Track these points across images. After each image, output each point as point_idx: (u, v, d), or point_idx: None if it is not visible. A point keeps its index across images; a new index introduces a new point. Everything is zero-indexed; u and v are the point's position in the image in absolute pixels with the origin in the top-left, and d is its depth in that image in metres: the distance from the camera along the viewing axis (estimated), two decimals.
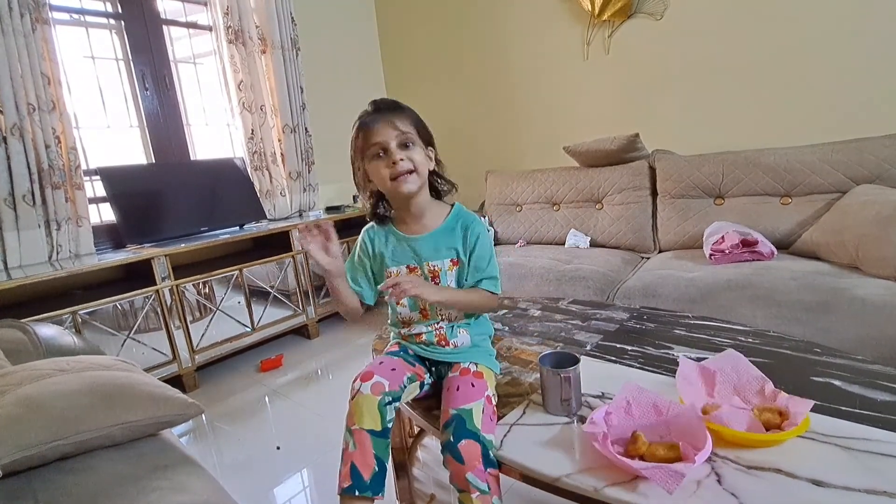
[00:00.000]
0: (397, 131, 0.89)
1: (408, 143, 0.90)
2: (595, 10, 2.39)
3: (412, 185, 0.89)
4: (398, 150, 0.88)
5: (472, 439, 0.75)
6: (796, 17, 1.93)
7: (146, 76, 2.33)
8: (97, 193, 2.19)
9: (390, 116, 0.90)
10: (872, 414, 0.74)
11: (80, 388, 0.84)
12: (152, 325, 1.96)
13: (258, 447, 1.60)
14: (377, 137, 0.88)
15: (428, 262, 0.93)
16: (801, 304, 1.32)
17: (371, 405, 0.79)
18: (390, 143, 0.88)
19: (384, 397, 0.81)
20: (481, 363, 0.92)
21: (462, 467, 0.73)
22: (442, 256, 0.93)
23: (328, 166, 3.12)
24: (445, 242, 0.93)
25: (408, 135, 0.89)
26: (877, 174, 1.62)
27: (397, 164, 0.87)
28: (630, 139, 2.09)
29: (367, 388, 0.81)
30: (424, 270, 0.93)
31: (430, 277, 0.93)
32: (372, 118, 0.91)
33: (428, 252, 0.93)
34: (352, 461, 0.76)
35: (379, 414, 0.79)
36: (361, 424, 0.78)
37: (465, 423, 0.77)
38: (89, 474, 0.78)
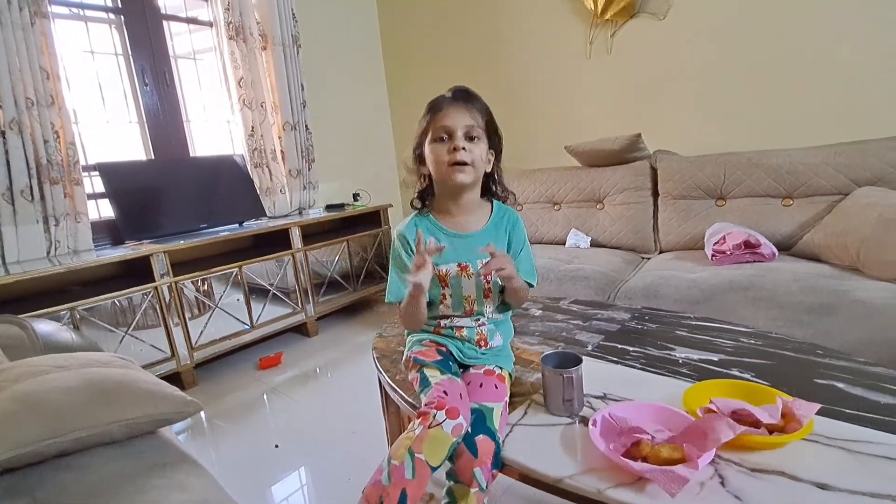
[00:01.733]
0: (466, 120, 0.88)
1: (474, 136, 0.89)
2: (598, 10, 2.38)
3: (466, 176, 0.88)
4: (462, 139, 0.87)
5: (488, 436, 0.76)
6: (800, 18, 1.93)
7: (146, 72, 2.32)
8: (96, 189, 2.18)
9: (465, 105, 0.89)
10: (876, 417, 0.74)
11: (77, 385, 0.83)
12: (150, 321, 1.95)
13: (257, 445, 1.59)
14: (446, 121, 0.88)
15: (479, 260, 0.91)
16: (802, 306, 1.31)
17: (445, 444, 0.74)
18: (457, 130, 0.87)
19: (459, 439, 0.76)
20: (505, 368, 0.93)
21: (474, 461, 0.73)
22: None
23: (328, 164, 3.12)
24: (496, 239, 0.93)
25: (475, 127, 0.89)
26: (879, 176, 1.61)
27: (458, 150, 0.86)
28: (632, 139, 2.08)
29: (450, 428, 0.75)
30: (477, 267, 0.92)
31: (483, 275, 0.92)
32: (447, 101, 0.90)
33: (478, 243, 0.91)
34: (404, 488, 0.70)
35: (447, 454, 0.75)
36: (429, 459, 0.73)
37: (485, 420, 0.77)
38: (87, 472, 0.77)
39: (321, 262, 2.64)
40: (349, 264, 2.80)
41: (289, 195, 2.85)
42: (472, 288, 0.92)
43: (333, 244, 2.70)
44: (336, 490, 1.33)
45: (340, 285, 2.75)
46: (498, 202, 0.99)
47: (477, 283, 0.92)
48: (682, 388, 0.85)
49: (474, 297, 0.93)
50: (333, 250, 2.71)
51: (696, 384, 0.83)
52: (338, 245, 2.73)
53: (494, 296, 0.94)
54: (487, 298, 0.93)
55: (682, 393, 0.82)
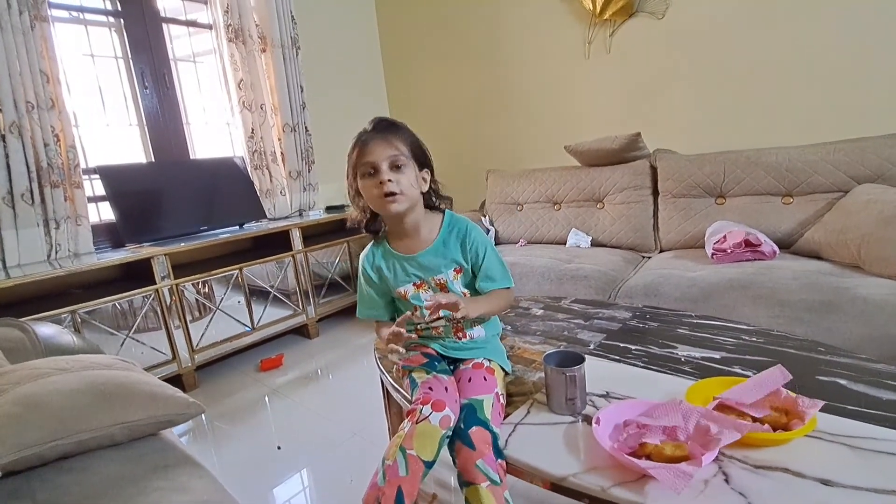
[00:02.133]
0: (389, 152, 0.90)
1: (399, 164, 0.90)
2: (596, 9, 2.38)
3: (399, 206, 0.91)
4: (388, 170, 0.89)
5: (482, 427, 0.76)
6: (798, 16, 1.93)
7: (146, 75, 2.32)
8: (96, 192, 2.18)
9: (386, 136, 0.91)
10: (879, 413, 0.74)
11: (79, 388, 0.83)
12: (151, 324, 1.95)
13: (259, 447, 1.59)
14: (369, 157, 0.89)
15: (433, 276, 0.96)
16: (803, 303, 1.31)
17: (435, 437, 0.76)
18: (381, 164, 0.89)
19: (447, 431, 0.78)
20: (494, 360, 0.94)
21: (472, 453, 0.73)
22: (445, 268, 0.96)
23: (328, 165, 3.12)
24: (445, 255, 0.96)
25: (399, 157, 0.90)
26: (879, 173, 1.61)
27: (384, 184, 0.88)
28: (631, 138, 2.08)
29: (437, 420, 0.77)
30: (431, 284, 0.96)
31: (438, 290, 0.96)
32: (368, 136, 0.92)
33: (431, 267, 0.96)
34: (400, 486, 0.72)
35: (437, 447, 0.76)
36: (421, 454, 0.74)
37: (476, 412, 0.78)
38: (89, 474, 0.77)
39: (321, 264, 2.64)
40: (349, 266, 2.80)
41: (289, 197, 2.85)
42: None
43: (334, 245, 2.70)
44: (338, 491, 1.33)
45: (341, 287, 2.75)
46: (450, 212, 1.02)
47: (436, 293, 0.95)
48: (685, 385, 0.85)
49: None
50: (334, 252, 2.71)
51: (699, 381, 0.83)
52: (338, 246, 2.73)
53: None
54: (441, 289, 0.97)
55: (684, 390, 0.82)
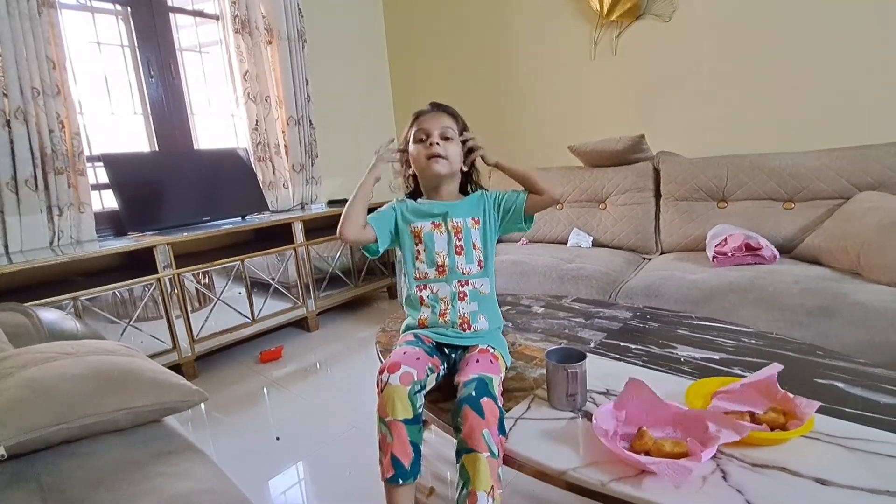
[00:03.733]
0: (442, 123, 1.02)
1: (448, 136, 1.02)
2: (603, 11, 2.38)
3: (442, 168, 1.00)
4: (438, 137, 1.01)
5: (493, 400, 0.78)
6: (804, 22, 1.93)
7: (151, 64, 2.32)
8: (99, 180, 2.18)
9: (441, 111, 1.05)
10: (875, 416, 0.75)
11: (84, 373, 0.83)
12: (151, 313, 1.95)
13: (257, 438, 1.60)
14: (424, 124, 1.02)
15: (452, 218, 1.02)
16: (803, 308, 1.32)
17: (402, 395, 0.81)
18: (433, 130, 1.01)
19: (413, 386, 0.83)
20: (498, 349, 0.95)
21: (481, 422, 0.75)
22: (463, 215, 1.03)
23: (331, 160, 3.12)
24: (467, 208, 1.04)
25: (449, 129, 1.02)
26: (880, 181, 1.62)
27: (432, 146, 0.99)
28: (635, 140, 2.09)
29: (396, 379, 0.82)
30: (448, 226, 1.01)
31: (453, 233, 1.01)
32: (425, 111, 1.06)
33: (451, 211, 1.03)
34: (391, 452, 0.79)
35: (410, 402, 0.81)
36: (395, 415, 0.80)
37: (487, 386, 0.80)
38: (93, 458, 0.78)
39: (322, 258, 2.64)
40: (350, 260, 2.80)
41: (291, 190, 2.86)
42: (444, 244, 1.01)
43: (336, 240, 2.71)
44: (336, 483, 1.33)
45: (341, 281, 2.76)
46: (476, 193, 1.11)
47: (448, 240, 1.01)
48: (684, 384, 0.86)
49: (445, 252, 1.00)
50: (335, 246, 2.71)
51: (698, 381, 0.84)
52: (339, 241, 2.73)
53: (467, 253, 1.01)
54: (459, 255, 1.00)
55: (684, 390, 0.83)
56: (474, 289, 1.00)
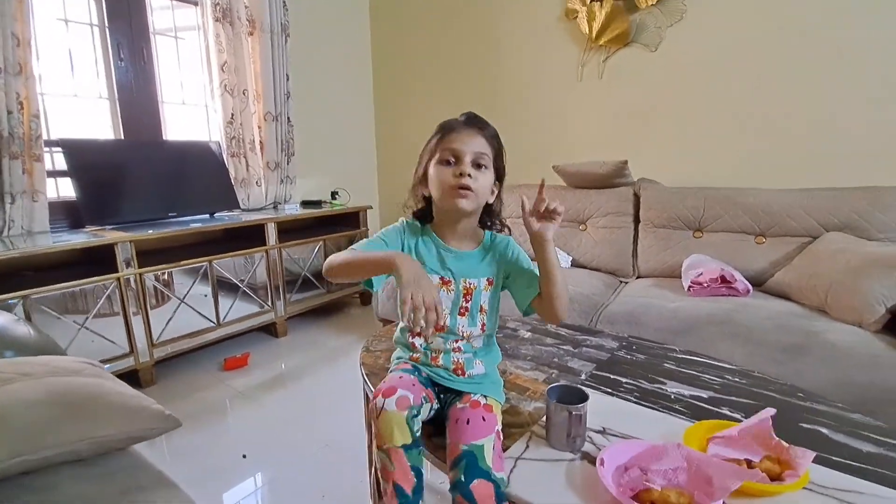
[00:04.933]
0: (477, 147, 0.85)
1: (482, 164, 0.86)
2: (593, 34, 2.43)
3: (468, 203, 0.85)
4: (470, 164, 0.84)
5: (484, 479, 0.72)
6: (784, 67, 2.03)
7: (122, 46, 2.16)
8: (57, 167, 2.01)
9: (478, 131, 0.87)
10: (861, 465, 0.77)
11: (46, 398, 0.75)
12: (104, 310, 1.80)
13: (222, 454, 1.51)
14: (456, 143, 0.85)
15: (465, 278, 0.90)
16: (777, 344, 1.38)
17: (399, 421, 0.76)
18: (465, 155, 0.85)
19: (410, 410, 0.78)
20: (491, 395, 0.89)
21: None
22: (479, 275, 0.91)
23: (308, 159, 3.02)
24: (482, 264, 0.92)
25: (484, 155, 0.86)
26: (846, 223, 1.72)
27: (463, 176, 0.83)
28: (619, 165, 2.13)
29: (393, 405, 0.77)
30: (459, 286, 0.90)
31: (463, 294, 0.90)
32: (459, 124, 0.88)
33: (465, 270, 0.91)
34: (394, 480, 0.75)
35: (408, 427, 0.77)
36: (394, 442, 0.75)
37: (477, 461, 0.74)
38: (53, 493, 0.70)
39: (294, 260, 2.55)
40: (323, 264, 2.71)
41: (265, 188, 2.75)
42: (449, 303, 0.90)
43: (310, 243, 2.62)
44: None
45: (312, 285, 2.67)
46: (489, 231, 0.96)
47: (455, 299, 0.90)
48: (680, 426, 0.86)
49: (447, 312, 0.90)
50: (308, 249, 2.62)
51: (696, 424, 0.85)
52: (314, 244, 2.65)
53: (471, 316, 0.91)
54: (462, 316, 0.90)
55: (679, 431, 0.83)
56: (469, 342, 0.92)
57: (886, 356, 1.26)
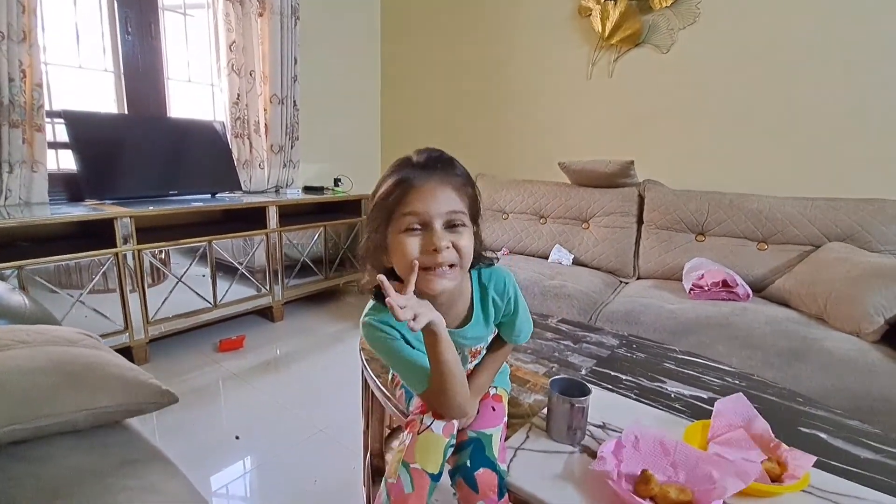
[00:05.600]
0: (447, 206, 0.67)
1: (457, 223, 0.67)
2: (605, 33, 2.41)
3: (449, 282, 0.68)
4: (444, 231, 0.66)
5: (489, 468, 0.72)
6: (796, 74, 2.02)
7: (130, 20, 2.13)
8: (58, 138, 1.99)
9: (444, 179, 0.68)
10: (858, 471, 0.77)
11: (43, 366, 0.74)
12: (98, 286, 1.78)
13: (214, 435, 1.50)
14: (419, 206, 0.65)
15: (472, 347, 0.84)
16: (775, 349, 1.38)
17: (439, 447, 0.71)
18: (434, 222, 0.66)
19: (451, 439, 0.73)
20: (500, 385, 0.89)
21: (475, 496, 0.70)
22: (482, 340, 0.85)
23: (312, 145, 3.00)
24: (484, 328, 0.82)
25: (459, 215, 0.68)
26: (848, 233, 1.72)
27: (440, 252, 0.65)
28: (625, 165, 2.12)
29: (440, 429, 0.72)
30: (465, 353, 0.84)
31: (469, 358, 0.86)
32: (418, 175, 0.67)
33: (469, 342, 0.83)
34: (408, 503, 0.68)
35: (442, 457, 0.71)
36: (425, 466, 0.69)
37: (484, 450, 0.73)
38: (46, 465, 0.69)
39: (293, 245, 2.53)
40: (323, 250, 2.71)
41: (267, 171, 2.73)
42: None
43: (311, 228, 2.60)
44: (301, 492, 1.27)
45: (311, 271, 2.66)
46: (475, 272, 0.80)
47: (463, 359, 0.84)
48: (678, 423, 0.87)
49: None
50: (308, 234, 2.61)
51: (697, 423, 0.85)
52: (314, 229, 2.63)
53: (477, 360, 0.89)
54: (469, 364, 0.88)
55: (682, 430, 0.83)
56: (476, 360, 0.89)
57: (882, 366, 1.27)
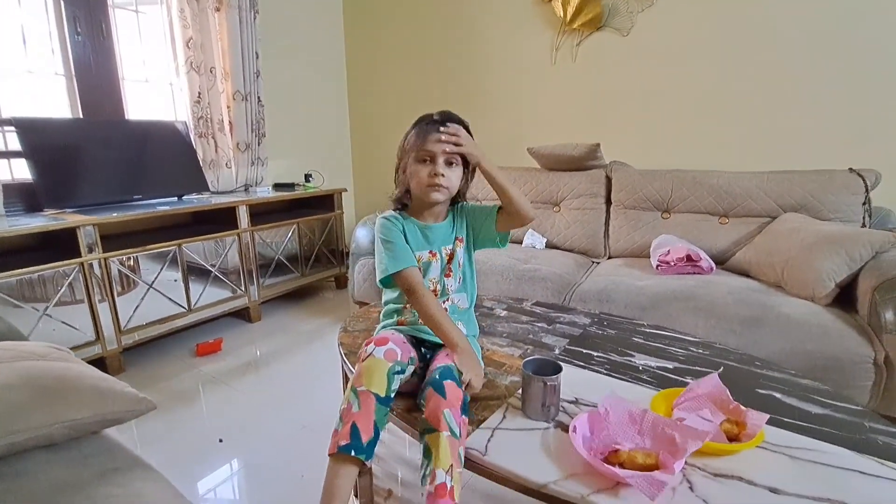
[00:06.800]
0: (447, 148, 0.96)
1: (453, 161, 0.98)
2: (567, 18, 2.44)
3: (441, 196, 0.99)
4: (443, 165, 0.96)
5: (456, 384, 0.81)
6: (750, 54, 2.10)
7: (78, 19, 2.04)
8: (9, 147, 1.90)
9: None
10: (810, 426, 0.84)
11: (14, 382, 0.73)
12: (65, 297, 1.73)
13: (197, 439, 1.50)
14: (430, 146, 0.95)
15: (443, 246, 1.04)
16: (737, 317, 1.45)
17: (382, 370, 0.81)
18: (438, 157, 0.96)
19: (395, 365, 0.83)
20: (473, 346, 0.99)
21: (442, 401, 0.78)
22: (451, 239, 1.05)
23: (280, 141, 2.96)
24: (451, 231, 1.06)
25: (455, 155, 0.97)
26: (802, 204, 1.81)
27: (437, 176, 0.96)
28: (591, 148, 2.17)
29: (381, 353, 0.83)
30: (442, 254, 1.03)
31: (447, 259, 1.04)
32: (434, 127, 0.96)
33: (441, 239, 1.04)
34: (353, 421, 0.77)
35: (387, 380, 0.81)
36: (370, 387, 0.79)
37: (452, 371, 0.84)
38: (24, 480, 0.69)
39: (267, 244, 2.51)
40: (298, 247, 2.68)
41: (235, 170, 2.68)
42: (437, 271, 1.03)
43: (284, 226, 2.58)
44: (289, 487, 1.28)
45: (286, 269, 2.64)
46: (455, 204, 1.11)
47: (441, 266, 1.04)
48: (647, 394, 0.91)
49: (437, 278, 1.03)
50: (282, 232, 2.58)
51: (662, 392, 0.90)
52: (287, 227, 2.60)
53: (454, 274, 1.05)
54: (448, 277, 1.04)
55: (649, 400, 0.88)
56: (454, 304, 1.04)
57: (834, 327, 1.35)
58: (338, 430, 0.78)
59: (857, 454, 0.75)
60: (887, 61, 1.87)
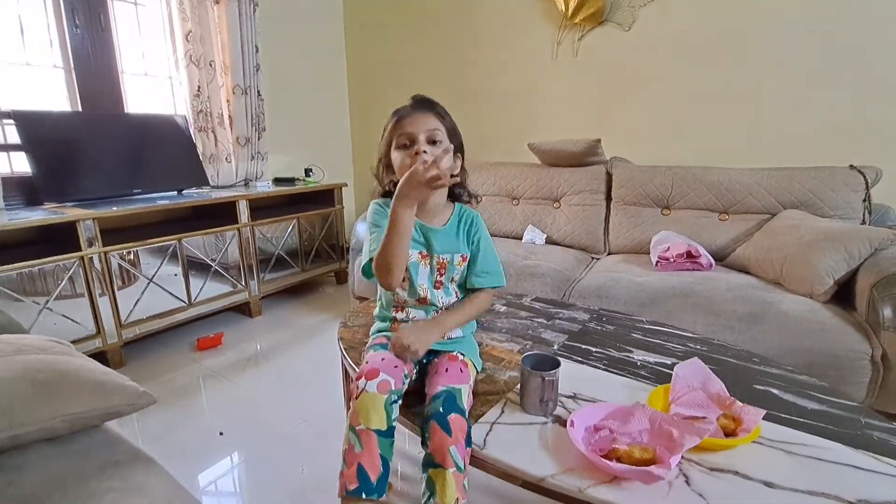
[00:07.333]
0: (428, 125, 0.91)
1: (436, 139, 0.91)
2: (568, 12, 2.42)
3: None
4: (424, 143, 0.90)
5: (460, 415, 0.78)
6: (752, 50, 2.09)
7: (77, 11, 2.03)
8: (9, 140, 1.90)
9: (425, 110, 0.93)
10: (806, 421, 0.84)
11: (15, 376, 0.73)
12: (66, 292, 1.74)
13: (197, 433, 1.50)
14: (407, 128, 0.91)
15: (440, 254, 0.96)
16: (735, 314, 1.46)
17: (378, 404, 0.77)
18: (418, 136, 0.90)
19: (391, 395, 0.79)
20: (468, 355, 0.95)
21: (448, 439, 0.75)
22: (453, 251, 0.97)
23: (280, 135, 2.95)
24: (456, 238, 0.98)
25: (436, 132, 0.91)
26: (802, 201, 1.81)
27: (419, 154, 0.88)
28: (592, 144, 2.16)
29: (374, 387, 0.79)
30: (434, 261, 0.96)
31: (437, 267, 0.96)
32: (407, 110, 0.93)
33: (440, 245, 0.96)
34: (359, 462, 0.74)
35: (385, 413, 0.77)
36: (368, 424, 0.76)
37: (455, 399, 0.80)
38: (25, 473, 0.69)
39: (267, 239, 2.51)
40: (298, 242, 2.69)
41: (234, 164, 2.67)
42: (426, 278, 0.96)
43: (283, 220, 2.58)
44: (290, 481, 1.29)
45: (287, 263, 2.64)
46: (459, 203, 1.02)
47: (430, 274, 0.97)
48: (644, 389, 0.92)
49: (427, 287, 0.96)
50: (282, 227, 2.58)
51: (659, 388, 0.90)
52: (287, 222, 2.60)
53: (445, 288, 0.98)
54: (437, 289, 0.97)
55: (644, 395, 0.88)
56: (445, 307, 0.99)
57: (831, 324, 1.36)
58: (343, 472, 0.75)
59: (852, 449, 0.75)
60: (889, 57, 1.86)
